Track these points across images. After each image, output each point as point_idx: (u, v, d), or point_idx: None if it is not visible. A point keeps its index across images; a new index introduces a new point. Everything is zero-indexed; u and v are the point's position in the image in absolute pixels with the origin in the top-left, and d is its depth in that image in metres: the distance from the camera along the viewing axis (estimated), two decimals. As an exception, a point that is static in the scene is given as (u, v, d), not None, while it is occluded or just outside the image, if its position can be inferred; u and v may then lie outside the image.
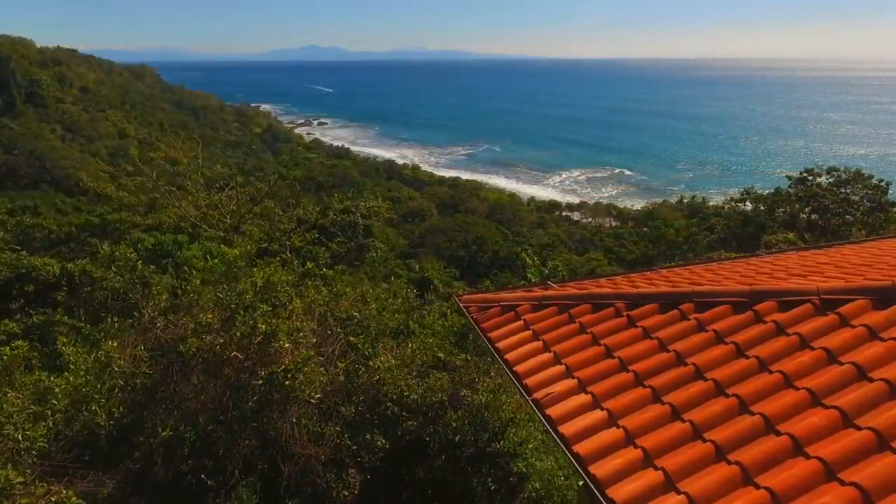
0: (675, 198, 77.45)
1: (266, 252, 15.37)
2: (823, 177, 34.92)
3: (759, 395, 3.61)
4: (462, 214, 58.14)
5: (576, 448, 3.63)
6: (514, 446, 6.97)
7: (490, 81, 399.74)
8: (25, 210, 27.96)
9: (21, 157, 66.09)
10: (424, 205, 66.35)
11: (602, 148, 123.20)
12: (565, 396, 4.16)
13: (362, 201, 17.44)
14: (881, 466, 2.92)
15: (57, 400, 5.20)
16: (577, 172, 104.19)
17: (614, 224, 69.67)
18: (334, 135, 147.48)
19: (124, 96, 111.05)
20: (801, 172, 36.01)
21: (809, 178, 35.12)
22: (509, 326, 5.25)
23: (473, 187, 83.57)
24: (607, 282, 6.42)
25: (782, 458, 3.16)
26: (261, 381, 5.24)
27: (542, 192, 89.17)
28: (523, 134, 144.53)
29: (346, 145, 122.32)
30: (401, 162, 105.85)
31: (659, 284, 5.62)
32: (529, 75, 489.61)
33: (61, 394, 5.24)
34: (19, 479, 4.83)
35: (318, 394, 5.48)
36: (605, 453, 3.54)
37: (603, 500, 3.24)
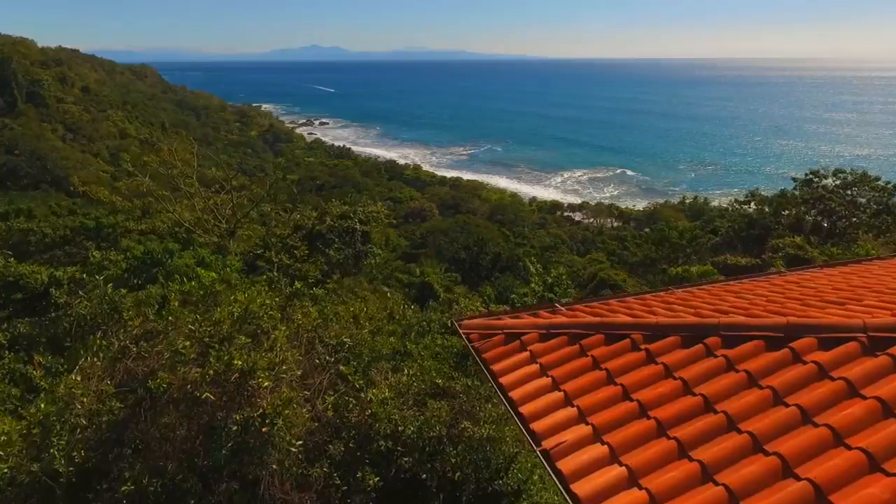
0: (676, 198, 77.01)
1: (259, 259, 14.90)
2: (829, 179, 34.30)
3: (806, 454, 3.10)
4: (463, 215, 57.69)
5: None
6: (518, 483, 6.47)
7: (491, 81, 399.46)
8: (19, 213, 27.52)
9: (22, 157, 65.77)
10: (426, 205, 65.98)
11: (603, 148, 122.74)
12: (578, 447, 3.66)
13: (360, 206, 16.92)
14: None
15: (11, 445, 4.71)
16: (578, 173, 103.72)
17: (616, 224, 69.15)
18: (336, 135, 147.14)
19: (126, 96, 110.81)
20: (806, 174, 35.36)
21: (815, 179, 34.48)
22: (514, 358, 4.75)
23: (475, 187, 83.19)
24: (619, 304, 5.93)
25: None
26: (235, 427, 4.76)
27: (544, 193, 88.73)
28: (525, 134, 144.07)
29: (348, 145, 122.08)
30: (402, 162, 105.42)
31: (678, 311, 5.11)
32: (531, 75, 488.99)
33: (17, 436, 4.76)
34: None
35: (301, 441, 4.98)
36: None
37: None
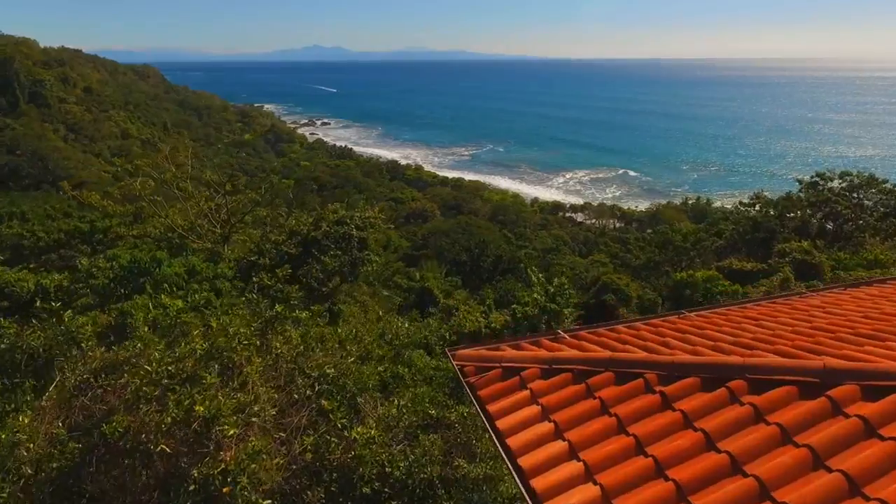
0: (679, 199, 76.46)
1: (253, 267, 14.45)
2: (836, 181, 33.73)
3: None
4: (465, 216, 57.19)
5: None
6: (518, 528, 6.00)
7: (492, 81, 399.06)
8: (13, 217, 27.09)
9: (23, 157, 65.44)
10: (427, 206, 65.53)
11: (605, 149, 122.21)
12: (586, 512, 3.19)
13: (357, 212, 16.48)
14: None
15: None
16: (580, 173, 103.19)
17: (618, 225, 68.67)
18: (337, 135, 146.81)
19: (128, 96, 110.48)
20: (811, 176, 34.81)
21: (821, 182, 33.92)
22: (512, 398, 4.27)
23: (477, 188, 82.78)
24: (627, 329, 5.45)
25: None
26: (193, 485, 4.28)
27: (546, 193, 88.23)
28: (526, 134, 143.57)
29: (349, 145, 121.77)
30: (404, 162, 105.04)
31: (695, 343, 4.62)
32: (531, 75, 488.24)
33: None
34: None
35: (270, 501, 4.50)
36: None
37: None
